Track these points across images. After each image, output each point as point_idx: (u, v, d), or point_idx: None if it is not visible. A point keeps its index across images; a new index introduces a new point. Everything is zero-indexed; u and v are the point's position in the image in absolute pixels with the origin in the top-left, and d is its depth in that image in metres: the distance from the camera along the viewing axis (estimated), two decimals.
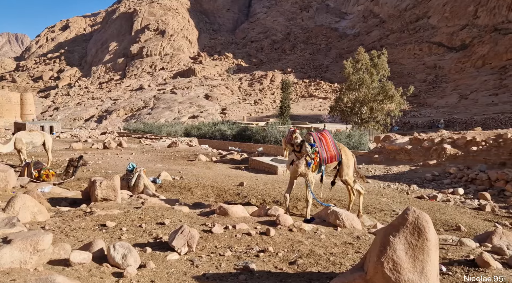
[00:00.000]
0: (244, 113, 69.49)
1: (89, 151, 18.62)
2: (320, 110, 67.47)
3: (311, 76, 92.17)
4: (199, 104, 75.76)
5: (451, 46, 77.10)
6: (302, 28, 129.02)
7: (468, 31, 76.56)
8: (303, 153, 6.37)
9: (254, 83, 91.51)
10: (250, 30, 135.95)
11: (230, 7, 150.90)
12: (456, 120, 40.88)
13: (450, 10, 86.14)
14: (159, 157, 17.97)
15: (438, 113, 51.23)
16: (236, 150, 27.55)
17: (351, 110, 31.28)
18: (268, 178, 11.62)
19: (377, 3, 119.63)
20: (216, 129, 37.14)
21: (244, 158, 17.84)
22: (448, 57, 74.44)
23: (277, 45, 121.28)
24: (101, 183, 5.85)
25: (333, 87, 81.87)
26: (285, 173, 13.06)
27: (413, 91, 31.85)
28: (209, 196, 8.96)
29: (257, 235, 3.93)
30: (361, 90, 30.07)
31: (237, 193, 9.10)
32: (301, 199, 8.18)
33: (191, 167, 14.34)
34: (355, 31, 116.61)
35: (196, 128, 38.45)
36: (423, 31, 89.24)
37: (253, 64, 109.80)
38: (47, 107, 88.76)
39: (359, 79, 29.58)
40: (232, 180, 10.81)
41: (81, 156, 9.76)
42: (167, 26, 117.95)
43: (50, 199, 6.21)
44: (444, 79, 68.91)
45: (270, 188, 9.74)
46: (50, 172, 9.31)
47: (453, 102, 57.26)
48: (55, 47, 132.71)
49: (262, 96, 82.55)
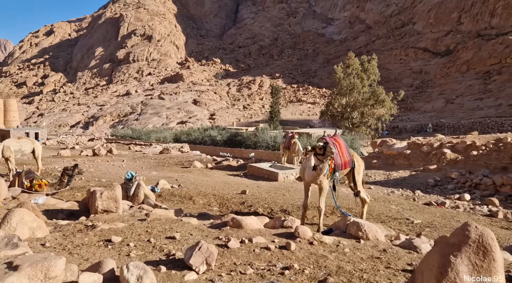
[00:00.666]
0: (233, 119, 69.20)
1: (78, 159, 18.05)
2: (309, 115, 67.63)
3: (299, 81, 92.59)
4: (188, 110, 75.21)
5: (436, 51, 78.47)
6: (289, 34, 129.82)
7: (452, 37, 78.09)
8: (327, 156, 5.99)
9: (243, 88, 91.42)
10: (238, 36, 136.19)
11: (217, 12, 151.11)
12: (444, 124, 41.43)
13: (434, 16, 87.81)
14: (152, 164, 17.53)
15: (426, 118, 51.86)
16: (227, 156, 27.25)
17: (342, 115, 31.34)
18: (270, 185, 11.33)
19: (363, 9, 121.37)
20: (206, 134, 36.76)
21: (241, 165, 17.45)
22: (433, 62, 75.69)
23: (265, 51, 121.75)
24: (101, 194, 5.47)
25: (321, 92, 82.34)
26: (285, 180, 12.87)
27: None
28: (212, 205, 8.70)
29: (276, 250, 3.67)
30: (352, 94, 30.16)
31: (241, 202, 8.81)
32: (310, 208, 7.91)
33: (187, 174, 13.95)
34: (342, 36, 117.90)
35: (186, 133, 37.98)
36: (408, 37, 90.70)
37: (241, 69, 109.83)
38: (31, 114, 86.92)
39: (349, 84, 29.67)
40: (233, 188, 10.51)
41: (76, 165, 9.20)
42: (154, 31, 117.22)
43: (45, 211, 5.81)
44: (430, 84, 70.00)
45: (274, 196, 9.49)
46: (43, 181, 8.80)
47: (440, 106, 58.09)
48: (39, 52, 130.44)
49: (250, 101, 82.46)
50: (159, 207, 6.70)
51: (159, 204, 7.13)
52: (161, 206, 6.84)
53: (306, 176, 6.18)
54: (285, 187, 11.14)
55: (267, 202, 8.67)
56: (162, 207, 6.66)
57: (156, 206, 6.72)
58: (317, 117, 63.21)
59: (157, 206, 6.84)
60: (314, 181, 6.11)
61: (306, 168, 6.18)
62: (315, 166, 5.98)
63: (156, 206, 6.73)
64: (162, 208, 6.69)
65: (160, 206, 6.79)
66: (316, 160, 6.02)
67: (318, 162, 5.98)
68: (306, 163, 6.23)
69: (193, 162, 16.73)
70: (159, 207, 6.63)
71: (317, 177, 6.03)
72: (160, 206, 6.79)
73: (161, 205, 7.20)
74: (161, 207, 6.64)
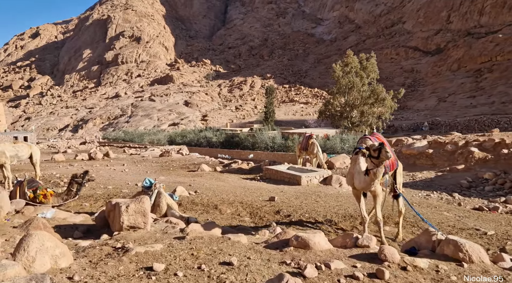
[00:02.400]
0: (225, 120, 68.41)
1: (75, 163, 17.11)
2: (303, 115, 67.21)
3: (291, 81, 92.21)
4: (179, 111, 74.13)
5: (427, 50, 78.88)
6: (279, 34, 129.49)
7: (442, 36, 78.59)
8: (383, 159, 5.28)
9: (234, 89, 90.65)
10: (227, 37, 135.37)
11: (206, 13, 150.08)
12: (440, 122, 41.33)
13: (424, 15, 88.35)
14: (156, 168, 16.58)
15: (420, 116, 51.84)
16: (226, 158, 26.57)
17: (340, 114, 30.84)
18: (295, 190, 10.50)
19: (352, 9, 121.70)
20: (201, 136, 35.97)
21: (254, 167, 16.50)
22: (424, 61, 76.05)
23: (255, 51, 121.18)
24: (127, 207, 4.61)
25: (314, 92, 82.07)
26: (309, 184, 12.03)
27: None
28: (242, 216, 7.84)
29: (366, 279, 2.98)
30: (351, 93, 29.67)
31: (275, 210, 7.93)
32: (348, 217, 7.17)
33: (199, 179, 13.09)
34: (332, 36, 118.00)
35: (181, 135, 37.09)
36: (399, 36, 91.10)
37: (232, 70, 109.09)
38: (18, 117, 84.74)
39: (349, 82, 29.17)
40: (256, 194, 9.72)
41: (86, 171, 8.13)
42: (142, 33, 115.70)
43: (57, 228, 5.07)
44: (422, 83, 70.26)
45: (308, 202, 8.66)
46: (48, 191, 7.80)
47: (432, 105, 58.23)
48: (25, 55, 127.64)
49: (242, 102, 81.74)
50: (186, 220, 5.89)
51: (184, 216, 6.33)
52: (188, 218, 6.01)
53: (357, 182, 5.47)
54: (313, 192, 10.33)
55: (306, 211, 7.81)
56: (191, 219, 5.87)
57: (181, 218, 5.96)
58: (312, 117, 62.86)
59: (183, 217, 6.04)
60: (368, 188, 5.42)
61: (355, 173, 5.48)
62: (367, 170, 5.31)
63: (182, 218, 5.96)
64: (186, 218, 5.93)
65: (188, 219, 5.97)
66: (370, 163, 5.34)
67: (372, 165, 5.31)
68: (354, 167, 5.54)
69: (200, 165, 15.87)
70: (184, 219, 5.82)
71: (371, 183, 5.35)
72: (188, 219, 5.97)
73: (188, 216, 6.33)
74: (188, 220, 5.82)
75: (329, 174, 12.83)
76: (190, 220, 5.72)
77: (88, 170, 8.12)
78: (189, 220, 5.72)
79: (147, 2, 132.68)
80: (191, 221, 5.66)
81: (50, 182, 12.31)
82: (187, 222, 5.51)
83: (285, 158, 25.20)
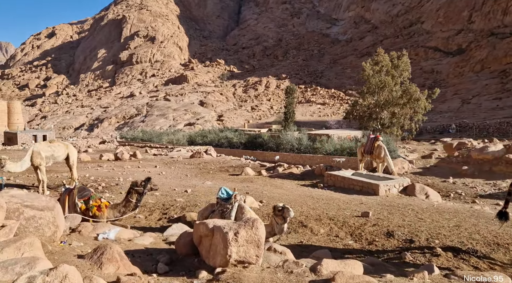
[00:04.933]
0: (241, 120, 67.62)
1: (103, 164, 16.29)
2: (320, 116, 66.06)
3: (307, 82, 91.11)
4: (195, 111, 73.61)
5: (448, 50, 77.02)
6: (293, 34, 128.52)
7: (464, 36, 76.66)
8: None
9: (249, 89, 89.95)
10: (241, 37, 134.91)
11: (220, 13, 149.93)
12: (468, 124, 39.82)
13: (444, 15, 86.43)
14: (194, 171, 15.36)
15: (444, 118, 50.32)
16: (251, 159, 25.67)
17: (369, 115, 29.63)
18: (376, 202, 9.15)
19: (368, 9, 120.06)
20: (222, 136, 35.13)
21: (306, 172, 14.98)
22: (445, 62, 74.25)
23: (269, 51, 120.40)
24: (236, 234, 3.45)
25: (330, 92, 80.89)
26: (388, 194, 10.42)
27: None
28: (341, 237, 6.54)
29: None
30: (382, 93, 28.43)
31: (384, 232, 6.51)
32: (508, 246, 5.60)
33: (253, 185, 11.80)
34: (347, 36, 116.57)
35: (201, 135, 36.32)
36: (417, 36, 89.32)
37: (246, 70, 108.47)
38: (34, 116, 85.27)
39: (379, 82, 27.92)
40: (333, 206, 8.46)
41: (148, 179, 6.74)
42: (157, 32, 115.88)
43: (130, 255, 3.89)
44: (443, 84, 68.46)
45: (412, 220, 7.18)
46: (103, 202, 6.55)
47: (456, 106, 56.59)
48: (41, 54, 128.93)
49: (258, 102, 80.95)
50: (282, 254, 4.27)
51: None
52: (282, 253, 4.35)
53: None
54: (402, 204, 8.87)
55: (430, 234, 6.27)
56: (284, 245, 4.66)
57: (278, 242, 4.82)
58: (330, 117, 61.67)
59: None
60: None
61: None
62: None
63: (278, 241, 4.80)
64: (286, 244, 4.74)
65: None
66: None
67: None
68: None
69: (244, 169, 14.71)
70: (279, 253, 4.23)
71: None
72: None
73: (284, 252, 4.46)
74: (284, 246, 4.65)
75: (408, 182, 11.31)
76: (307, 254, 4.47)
77: (150, 177, 6.86)
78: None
79: (161, 2, 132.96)
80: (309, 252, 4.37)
81: (86, 186, 11.40)
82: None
83: (313, 160, 24.21)
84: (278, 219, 5.11)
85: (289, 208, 5.05)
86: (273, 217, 5.25)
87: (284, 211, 5.03)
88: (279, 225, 5.11)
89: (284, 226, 5.14)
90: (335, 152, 25.07)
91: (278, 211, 5.09)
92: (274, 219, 5.19)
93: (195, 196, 9.77)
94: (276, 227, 5.12)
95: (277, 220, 5.13)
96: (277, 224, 5.13)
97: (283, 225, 5.12)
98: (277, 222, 5.14)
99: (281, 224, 5.10)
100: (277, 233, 5.22)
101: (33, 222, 3.96)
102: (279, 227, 5.11)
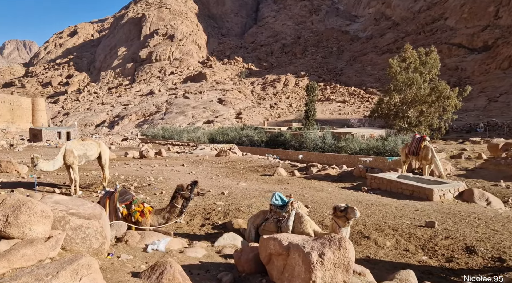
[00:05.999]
0: (260, 118, 67.29)
1: (130, 162, 16.20)
2: (340, 114, 65.10)
3: (326, 79, 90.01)
4: (213, 109, 73.68)
5: (473, 47, 74.78)
6: (312, 32, 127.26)
7: (490, 32, 74.23)
8: None
9: (267, 87, 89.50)
10: (259, 34, 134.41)
11: (238, 11, 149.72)
12: (497, 123, 38.41)
13: (468, 11, 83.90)
14: (224, 171, 14.89)
15: (470, 117, 48.80)
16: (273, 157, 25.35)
17: (396, 113, 28.78)
18: (433, 209, 8.34)
19: (389, 5, 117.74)
20: (243, 134, 34.94)
21: (343, 173, 14.31)
22: (470, 59, 72.12)
23: (287, 49, 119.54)
24: (321, 256, 3.00)
25: (350, 90, 79.69)
26: (443, 200, 9.53)
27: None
28: (411, 251, 5.81)
29: None
30: (409, 91, 27.55)
31: (462, 246, 5.76)
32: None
33: (290, 188, 11.13)
34: (367, 33, 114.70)
35: (222, 133, 36.25)
36: (440, 33, 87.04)
37: (264, 68, 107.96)
38: (57, 113, 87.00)
39: (407, 79, 27.03)
40: (386, 213, 7.80)
41: (195, 182, 6.19)
42: (175, 30, 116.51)
43: (187, 271, 3.47)
44: (468, 82, 66.38)
45: (487, 232, 6.43)
46: (146, 207, 5.98)
47: (482, 105, 54.87)
48: (64, 52, 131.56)
49: (277, 100, 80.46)
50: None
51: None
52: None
53: None
54: (462, 211, 8.07)
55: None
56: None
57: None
58: (350, 116, 60.73)
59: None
60: None
61: None
62: None
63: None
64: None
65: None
66: None
67: None
68: None
69: (276, 169, 14.10)
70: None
71: None
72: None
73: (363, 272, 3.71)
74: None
75: (464, 186, 10.39)
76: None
77: (197, 181, 6.30)
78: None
79: (180, 0, 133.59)
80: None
81: (128, 189, 11.05)
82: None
83: (338, 159, 23.71)
84: (340, 221, 4.62)
85: (353, 208, 4.57)
86: (333, 220, 4.76)
87: (347, 211, 4.56)
88: (340, 228, 4.66)
89: (348, 230, 4.68)
90: (360, 151, 24.52)
91: (340, 211, 4.61)
92: (335, 222, 4.72)
93: (233, 198, 9.34)
94: (338, 232, 4.65)
95: (338, 222, 4.65)
96: (338, 227, 4.67)
97: (346, 228, 4.66)
98: (338, 224, 4.66)
99: (343, 227, 4.64)
100: None
101: (80, 233, 3.62)
102: (340, 231, 4.67)
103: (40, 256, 2.78)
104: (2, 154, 21.15)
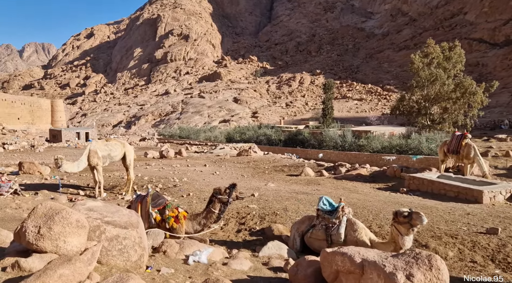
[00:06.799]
0: (276, 116, 66.81)
1: (151, 163, 16.04)
2: (358, 112, 64.08)
3: (342, 77, 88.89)
4: (229, 108, 73.55)
5: (494, 42, 72.65)
6: (327, 29, 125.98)
7: None
8: None
9: (282, 85, 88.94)
10: (274, 33, 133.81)
11: (252, 10, 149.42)
12: None
13: (489, 5, 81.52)
14: (248, 171, 14.46)
15: (494, 114, 47.34)
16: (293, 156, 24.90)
17: (418, 110, 27.89)
18: (486, 212, 7.69)
19: (405, 1, 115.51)
20: (260, 133, 34.58)
21: (376, 173, 13.70)
22: (491, 54, 70.09)
23: (302, 47, 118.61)
24: (410, 277, 2.58)
25: (367, 88, 78.48)
26: (494, 202, 8.86)
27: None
28: (478, 262, 5.19)
29: None
30: (432, 87, 26.64)
31: None
32: None
33: (322, 188, 10.74)
34: (384, 30, 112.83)
35: (239, 132, 35.99)
36: (460, 28, 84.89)
37: (279, 66, 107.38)
38: (75, 114, 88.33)
39: (430, 75, 26.12)
40: (437, 217, 7.11)
41: (233, 185, 5.81)
42: (190, 30, 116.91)
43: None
44: (490, 77, 64.50)
45: None
46: (180, 212, 5.54)
47: (506, 101, 53.25)
48: (81, 54, 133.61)
49: (292, 98, 79.85)
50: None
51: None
52: None
53: None
54: None
55: None
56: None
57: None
58: (368, 113, 59.73)
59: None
60: None
61: None
62: None
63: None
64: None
65: None
66: None
67: None
68: None
69: (304, 169, 13.63)
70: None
71: None
72: None
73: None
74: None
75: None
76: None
77: (236, 184, 5.90)
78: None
79: (195, 0, 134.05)
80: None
81: (142, 187, 10.79)
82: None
83: (359, 158, 23.13)
84: (403, 228, 4.07)
85: (419, 213, 4.00)
86: (393, 227, 4.21)
87: (412, 217, 4.00)
88: (403, 237, 4.08)
89: (411, 239, 4.10)
90: (382, 149, 23.87)
91: (404, 217, 4.05)
92: (395, 229, 4.16)
93: (265, 201, 8.87)
94: (400, 241, 4.10)
95: (400, 229, 4.09)
96: (401, 235, 4.09)
97: (409, 236, 4.08)
98: (400, 232, 4.10)
99: (406, 235, 4.07)
100: (402, 249, 4.09)
101: (116, 244, 3.28)
102: (403, 240, 4.09)
103: (80, 277, 2.45)
104: (24, 155, 21.30)
